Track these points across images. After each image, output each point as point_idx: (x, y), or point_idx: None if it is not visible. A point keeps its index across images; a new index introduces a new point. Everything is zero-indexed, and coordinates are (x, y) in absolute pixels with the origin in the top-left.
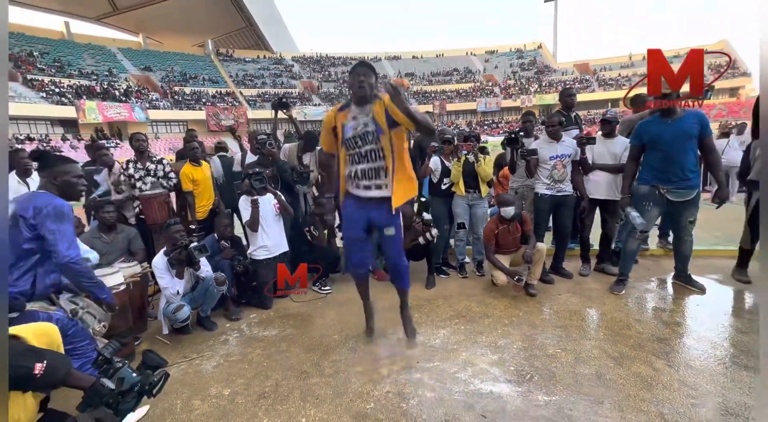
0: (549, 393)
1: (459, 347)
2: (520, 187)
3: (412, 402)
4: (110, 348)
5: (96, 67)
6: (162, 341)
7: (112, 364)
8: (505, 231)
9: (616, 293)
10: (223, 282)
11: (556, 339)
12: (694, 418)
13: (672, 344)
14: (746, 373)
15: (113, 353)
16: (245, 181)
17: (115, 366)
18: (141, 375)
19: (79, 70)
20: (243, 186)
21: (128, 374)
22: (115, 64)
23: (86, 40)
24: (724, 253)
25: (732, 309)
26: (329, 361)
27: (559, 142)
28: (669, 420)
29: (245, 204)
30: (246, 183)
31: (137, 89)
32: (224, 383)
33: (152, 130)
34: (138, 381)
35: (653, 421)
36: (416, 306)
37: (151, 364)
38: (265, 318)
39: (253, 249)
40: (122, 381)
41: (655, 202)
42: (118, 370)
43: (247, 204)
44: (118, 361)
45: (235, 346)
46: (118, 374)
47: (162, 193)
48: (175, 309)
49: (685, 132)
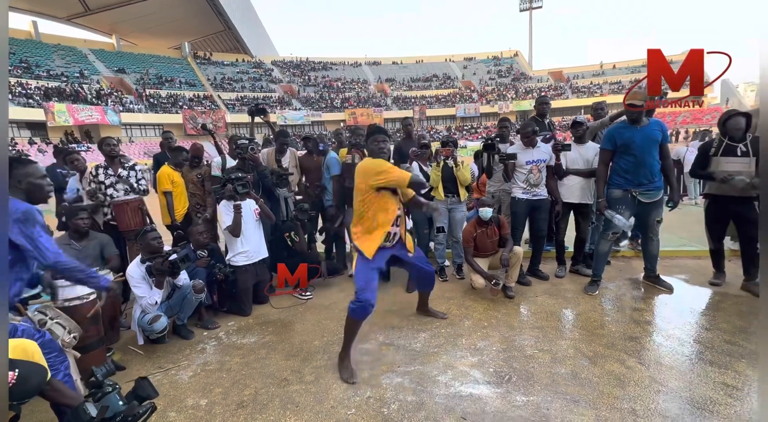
0: (527, 393)
1: (439, 350)
2: (497, 191)
3: (393, 407)
4: (104, 370)
5: (66, 68)
6: (135, 351)
7: (102, 388)
8: (483, 234)
9: (590, 294)
10: (201, 290)
11: (534, 340)
12: (664, 413)
13: (643, 342)
14: (711, 368)
15: (106, 375)
16: (228, 186)
17: (104, 390)
18: (128, 405)
19: (48, 72)
20: (226, 190)
21: (114, 401)
22: (87, 65)
23: (55, 41)
24: (689, 254)
25: (697, 308)
26: (310, 368)
27: (535, 147)
28: (640, 415)
29: (226, 209)
30: (229, 188)
31: (110, 91)
32: (201, 393)
33: (126, 134)
34: (122, 412)
35: (626, 418)
36: (397, 309)
37: (141, 394)
38: (244, 325)
39: (232, 255)
40: (105, 409)
41: (628, 205)
42: (106, 395)
43: (228, 209)
44: (108, 385)
45: (213, 355)
46: (104, 400)
47: (135, 198)
48: (151, 319)
49: (652, 137)
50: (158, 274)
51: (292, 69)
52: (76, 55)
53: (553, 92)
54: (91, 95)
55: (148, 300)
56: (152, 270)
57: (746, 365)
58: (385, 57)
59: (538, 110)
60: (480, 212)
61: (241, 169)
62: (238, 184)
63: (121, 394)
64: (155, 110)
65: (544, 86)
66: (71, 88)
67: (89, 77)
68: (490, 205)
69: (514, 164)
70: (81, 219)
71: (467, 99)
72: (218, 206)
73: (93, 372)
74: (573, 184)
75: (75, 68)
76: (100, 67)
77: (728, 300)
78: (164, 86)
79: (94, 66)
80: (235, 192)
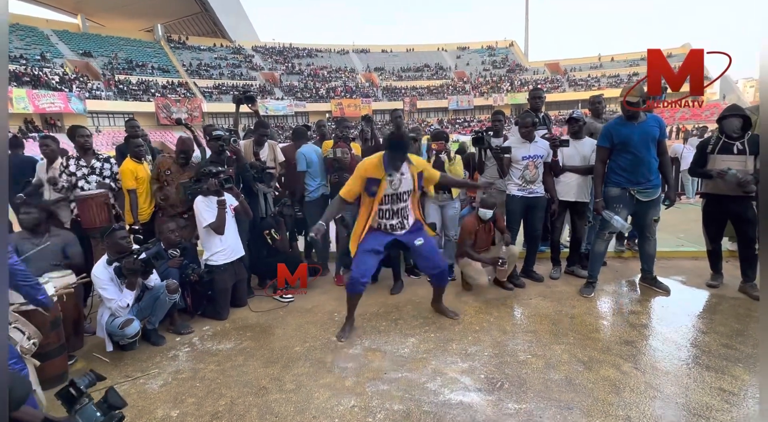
0: (519, 400)
1: (428, 356)
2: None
3: (378, 416)
4: (86, 380)
5: (25, 50)
6: (101, 359)
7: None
8: (481, 229)
9: (586, 296)
10: (175, 290)
11: (527, 345)
12: (660, 420)
13: (639, 346)
14: (708, 373)
15: (89, 386)
16: (211, 180)
17: (81, 402)
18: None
19: None
20: (210, 185)
21: (92, 413)
22: (49, 47)
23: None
24: (687, 254)
25: (694, 310)
26: (290, 375)
27: (532, 142)
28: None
29: (206, 205)
30: (213, 182)
31: (75, 77)
32: (172, 403)
33: (93, 123)
34: None
35: None
36: (383, 313)
37: (115, 404)
38: (220, 330)
39: (209, 254)
40: None
41: (625, 204)
42: (84, 407)
43: (208, 205)
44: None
45: (186, 362)
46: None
47: (101, 193)
48: (122, 324)
49: (649, 134)
50: (130, 274)
51: (275, 55)
52: (37, 36)
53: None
54: (55, 81)
55: (119, 302)
56: (123, 271)
57: (743, 369)
58: (374, 44)
59: (532, 104)
60: (480, 213)
61: (215, 161)
62: (224, 178)
63: (97, 405)
64: (125, 97)
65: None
66: (31, 72)
67: (52, 61)
68: (491, 206)
69: (509, 159)
70: (26, 214)
71: (460, 90)
72: (196, 202)
73: (74, 382)
74: (570, 182)
75: (36, 50)
76: (64, 50)
77: (725, 303)
78: (135, 72)
79: (57, 48)
80: (221, 186)
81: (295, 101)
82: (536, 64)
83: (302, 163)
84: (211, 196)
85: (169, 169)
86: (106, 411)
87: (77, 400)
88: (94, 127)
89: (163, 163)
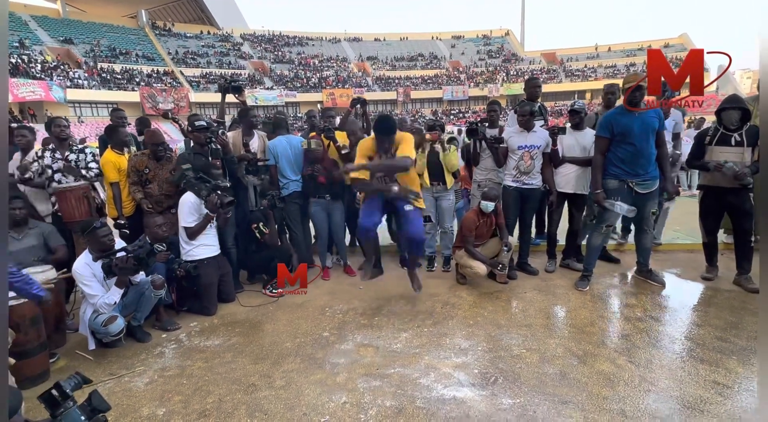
0: (513, 395)
1: (421, 351)
2: (484, 181)
3: (370, 413)
4: (72, 383)
5: None
6: (84, 357)
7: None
8: (483, 223)
9: (581, 289)
10: (161, 286)
11: (521, 339)
12: (654, 414)
13: (633, 340)
14: (702, 366)
15: (75, 389)
16: (212, 196)
17: (66, 405)
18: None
19: None
20: (209, 200)
21: (77, 418)
22: (28, 34)
23: None
24: (683, 247)
25: (689, 303)
26: (280, 372)
27: (530, 132)
28: (630, 417)
29: (193, 208)
30: (213, 198)
31: (55, 64)
32: (158, 402)
33: (75, 113)
34: None
35: (615, 419)
36: (376, 307)
37: (98, 408)
38: (208, 326)
39: (190, 248)
40: None
41: (624, 196)
42: (67, 412)
43: (196, 209)
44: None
45: (172, 359)
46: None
47: (80, 185)
48: (106, 321)
49: (650, 125)
50: (122, 273)
51: (264, 44)
52: (15, 21)
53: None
54: (35, 69)
55: (106, 300)
56: (113, 269)
57: (737, 362)
58: (367, 33)
59: (529, 94)
60: (482, 205)
61: (200, 153)
62: (225, 199)
63: (82, 408)
64: (108, 86)
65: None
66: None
67: (31, 48)
68: (493, 198)
69: (506, 149)
70: (15, 209)
71: (455, 80)
72: (185, 199)
73: (59, 385)
74: (569, 173)
75: (14, 37)
76: (44, 37)
77: (720, 296)
78: (118, 59)
79: (37, 35)
80: (219, 207)
81: (285, 91)
82: (532, 53)
83: (270, 157)
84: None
85: (147, 166)
86: (90, 414)
87: (61, 404)
88: (76, 116)
89: (140, 162)
